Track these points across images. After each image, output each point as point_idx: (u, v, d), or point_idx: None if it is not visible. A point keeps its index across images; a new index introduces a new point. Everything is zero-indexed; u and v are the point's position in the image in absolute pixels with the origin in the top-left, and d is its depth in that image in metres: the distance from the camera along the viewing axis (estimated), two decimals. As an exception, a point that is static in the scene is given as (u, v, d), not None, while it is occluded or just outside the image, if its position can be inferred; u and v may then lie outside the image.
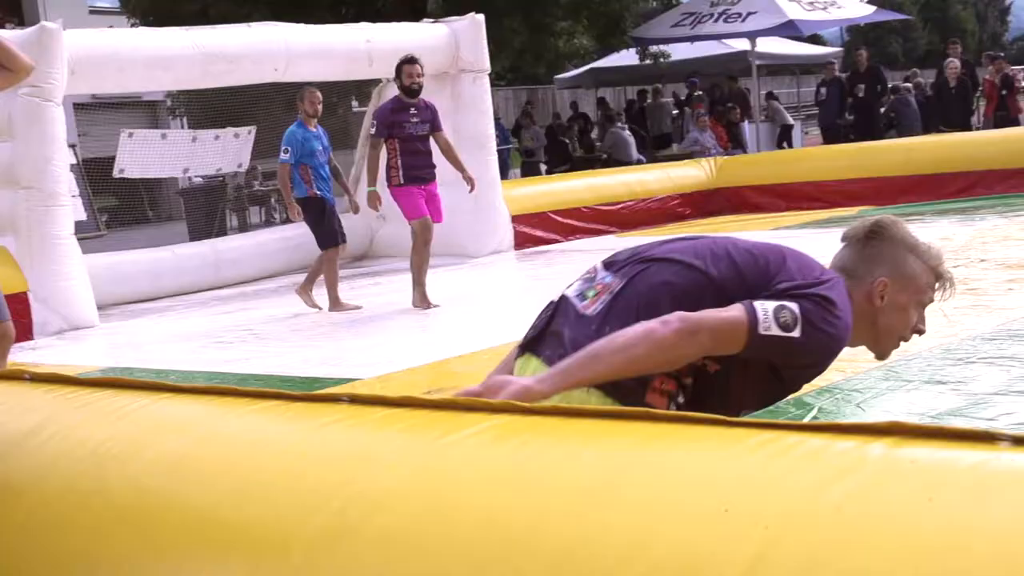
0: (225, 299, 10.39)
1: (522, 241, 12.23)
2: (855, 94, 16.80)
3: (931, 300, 2.43)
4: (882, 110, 17.63)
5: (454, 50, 11.53)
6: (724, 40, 20.12)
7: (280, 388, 5.80)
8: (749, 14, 16.14)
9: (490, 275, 10.70)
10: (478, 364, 6.25)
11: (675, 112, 21.83)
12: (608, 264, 2.41)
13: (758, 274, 2.25)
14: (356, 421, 1.76)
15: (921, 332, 2.46)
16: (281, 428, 1.86)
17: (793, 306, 2.16)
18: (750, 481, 1.27)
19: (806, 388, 4.77)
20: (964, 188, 12.63)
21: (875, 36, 50.22)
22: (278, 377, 6.31)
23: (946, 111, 15.77)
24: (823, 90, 17.64)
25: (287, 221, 11.39)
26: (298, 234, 10.59)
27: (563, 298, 2.39)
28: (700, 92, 19.89)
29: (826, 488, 1.22)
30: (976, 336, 5.54)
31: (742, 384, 2.27)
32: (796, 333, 2.15)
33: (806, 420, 4.33)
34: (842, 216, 12.11)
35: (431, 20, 12.57)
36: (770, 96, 21.65)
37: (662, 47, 20.82)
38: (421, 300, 8.44)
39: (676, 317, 2.10)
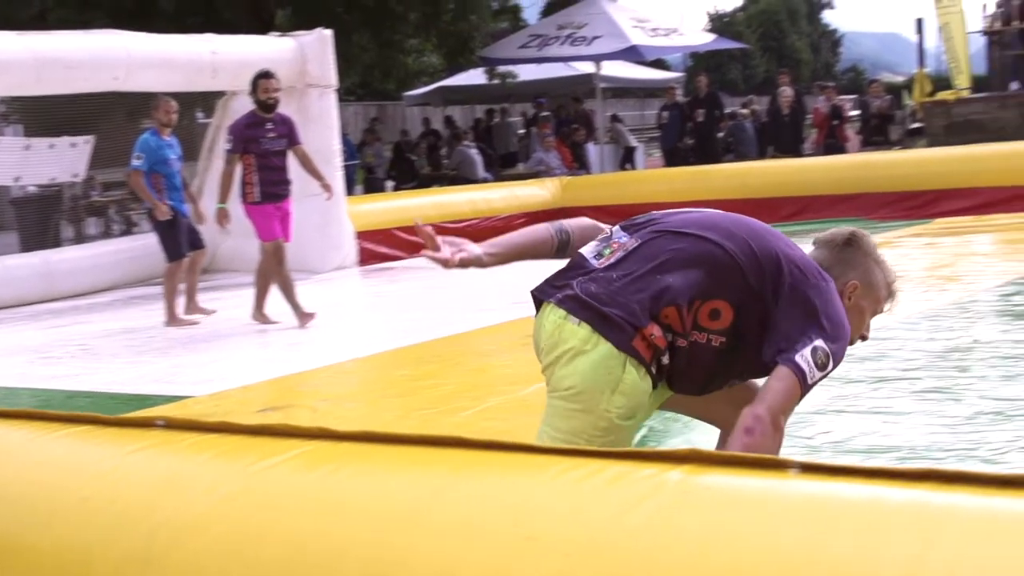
0: (58, 312, 10.06)
1: (367, 257, 12.17)
2: (695, 119, 17.23)
3: (882, 311, 2.66)
4: (720, 135, 18.12)
5: (301, 64, 11.43)
6: (571, 63, 20.42)
7: (109, 406, 5.65)
8: (595, 38, 16.44)
9: (333, 291, 10.61)
10: (317, 381, 6.21)
11: (521, 132, 22.06)
12: (625, 227, 2.61)
13: (767, 255, 2.45)
14: (168, 447, 1.73)
15: (865, 338, 2.66)
16: (92, 453, 1.82)
17: (821, 344, 2.38)
18: (553, 508, 1.30)
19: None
20: (795, 212, 13.06)
21: (716, 63, 51.63)
22: (107, 395, 6.14)
23: (779, 138, 16.31)
24: (665, 114, 18.03)
25: (126, 233, 11.09)
26: (135, 247, 10.32)
27: (579, 255, 2.60)
28: (546, 113, 20.13)
29: (625, 514, 1.25)
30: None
31: (733, 356, 2.49)
32: (831, 365, 2.41)
33: (635, 440, 4.42)
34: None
35: (278, 33, 12.44)
36: (614, 118, 22.04)
37: (510, 67, 21.03)
38: (259, 315, 8.33)
39: (760, 423, 2.33)
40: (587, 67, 19.69)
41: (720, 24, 58.81)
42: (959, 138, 14.57)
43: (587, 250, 2.61)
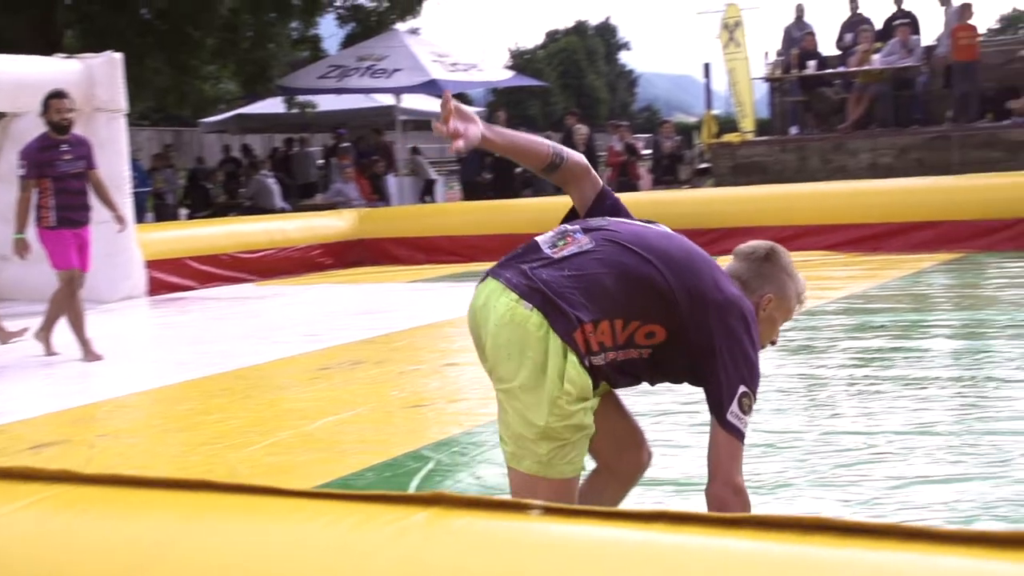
0: None
1: (157, 287, 11.83)
2: (494, 153, 17.45)
3: (791, 318, 2.92)
4: (519, 169, 18.40)
5: (89, 88, 11.05)
6: (372, 94, 20.41)
7: None
8: (395, 71, 16.49)
9: (120, 322, 10.26)
10: (99, 415, 5.98)
11: (321, 162, 21.89)
12: (586, 227, 2.74)
13: (699, 296, 2.61)
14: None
15: (774, 343, 2.92)
16: None
17: (745, 389, 2.62)
18: (300, 551, 1.29)
19: (423, 442, 4.89)
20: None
21: (517, 99, 52.50)
22: None
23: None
24: (464, 148, 18.21)
25: None
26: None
27: (534, 242, 2.70)
28: (346, 144, 20.05)
29: (370, 558, 1.25)
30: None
31: (661, 369, 2.69)
32: (753, 403, 2.67)
33: (422, 474, 4.43)
34: (478, 271, 12.52)
35: (65, 55, 12.01)
36: (415, 151, 22.12)
37: (309, 97, 20.86)
38: (43, 336, 7.99)
39: (723, 502, 2.65)
40: (388, 99, 19.73)
41: (521, 61, 59.93)
42: (743, 178, 15.20)
43: (543, 239, 2.72)
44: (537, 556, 1.21)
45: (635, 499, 4.01)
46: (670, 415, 5.17)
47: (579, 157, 2.99)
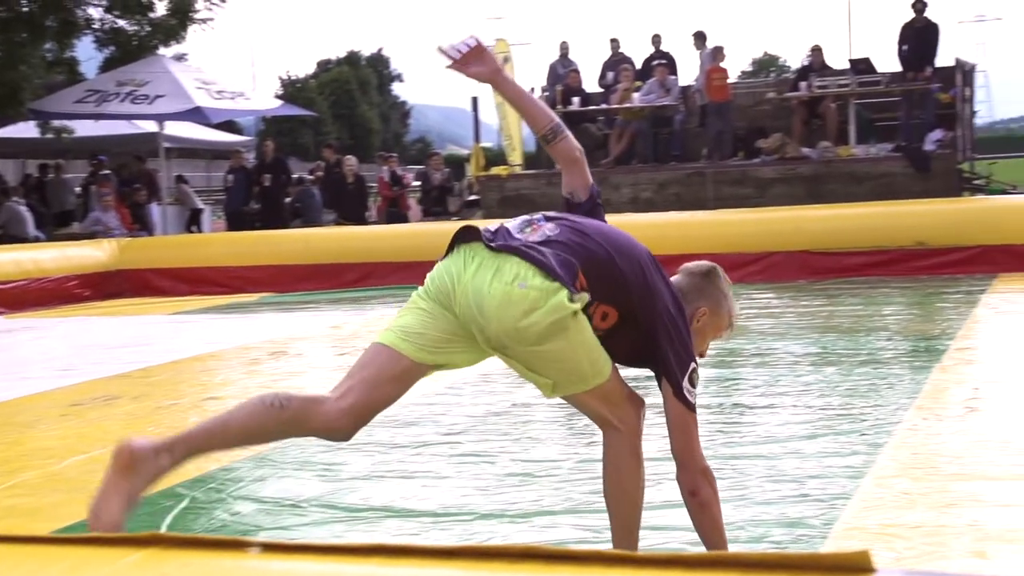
0: None
1: None
2: (262, 183, 17.21)
3: (721, 337, 3.24)
4: (288, 200, 18.20)
5: None
6: (134, 121, 19.78)
7: None
8: (157, 97, 16.02)
9: None
10: None
11: (79, 190, 21.04)
12: (547, 217, 3.03)
13: (649, 286, 2.96)
14: None
15: (703, 355, 3.17)
16: None
17: (694, 365, 3.01)
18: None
19: (178, 479, 4.74)
20: (359, 278, 13.32)
21: (288, 128, 51.97)
22: None
23: (344, 205, 16.63)
24: (230, 177, 17.89)
25: None
26: None
27: (504, 227, 2.98)
28: (107, 171, 19.36)
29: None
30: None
31: (611, 351, 2.98)
32: (699, 374, 3.07)
33: (175, 512, 4.29)
34: (243, 302, 12.30)
35: None
36: (180, 179, 21.57)
37: (65, 122, 20.04)
38: None
39: (694, 481, 3.05)
40: (151, 126, 19.16)
41: (292, 90, 59.31)
42: (512, 211, 15.45)
43: (512, 224, 3.00)
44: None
45: (393, 530, 4.01)
46: (430, 446, 5.20)
47: (572, 145, 3.22)
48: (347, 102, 61.79)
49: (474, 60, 3.11)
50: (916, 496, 3.95)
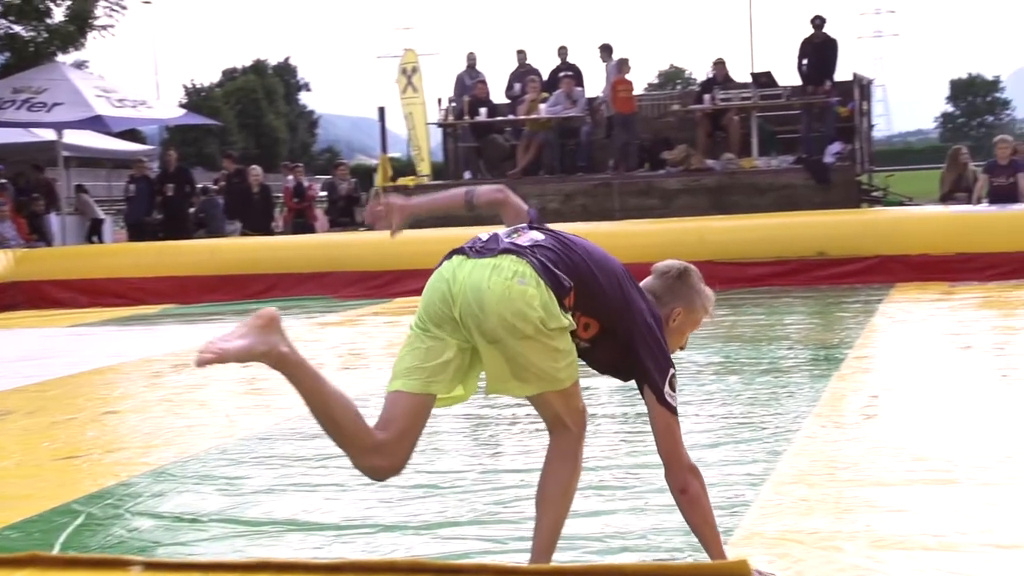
0: None
1: None
2: (164, 192, 16.94)
3: (698, 328, 3.39)
4: (192, 210, 17.94)
5: None
6: (31, 128, 19.32)
7: None
8: (55, 105, 15.65)
9: None
10: None
11: (-26, 199, 20.49)
12: (530, 226, 3.23)
13: (625, 298, 3.14)
14: None
15: (683, 348, 3.40)
16: None
17: (673, 371, 3.15)
18: None
19: (74, 495, 4.64)
20: (265, 289, 13.16)
21: (194, 137, 51.24)
22: None
23: (249, 215, 16.44)
24: (132, 187, 17.59)
25: None
26: None
27: (495, 234, 3.16)
28: (3, 180, 18.89)
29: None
30: (252, 436, 5.74)
31: (591, 361, 3.22)
32: (677, 379, 3.19)
33: (70, 530, 4.19)
34: (145, 314, 12.08)
35: None
36: (80, 189, 21.13)
37: (-41, 129, 19.50)
38: None
39: (682, 480, 3.16)
40: (50, 134, 18.74)
41: (197, 99, 58.51)
42: (419, 222, 15.41)
43: (501, 232, 3.20)
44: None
45: (296, 544, 3.97)
46: (334, 458, 5.14)
47: (490, 193, 3.45)
48: (253, 111, 61.16)
49: (391, 213, 3.44)
50: (813, 503, 4.03)
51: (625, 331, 3.13)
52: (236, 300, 12.76)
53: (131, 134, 28.49)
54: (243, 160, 20.21)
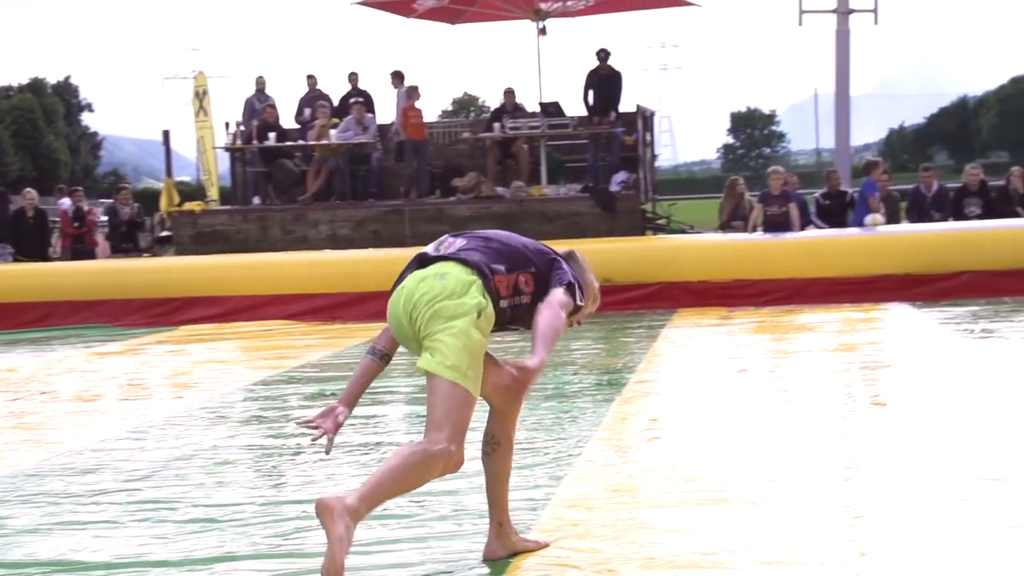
0: None
1: None
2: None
3: (591, 311, 3.86)
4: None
5: None
6: None
7: None
8: None
9: None
10: None
11: None
12: (453, 235, 3.71)
13: (540, 253, 3.72)
14: None
15: (580, 324, 3.88)
16: None
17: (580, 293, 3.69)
18: None
19: None
20: (40, 318, 12.64)
21: (-35, 157, 48.75)
22: None
23: (23, 240, 15.74)
24: None
25: None
26: None
27: (423, 252, 3.64)
28: None
29: None
30: (19, 473, 5.47)
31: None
32: (583, 293, 3.72)
33: None
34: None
35: None
36: None
37: None
38: None
39: (559, 304, 3.57)
40: None
41: (-31, 117, 55.72)
42: (206, 247, 15.06)
43: (429, 248, 3.65)
44: None
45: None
46: (107, 494, 4.95)
47: (381, 334, 3.68)
48: (31, 132, 58.63)
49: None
50: (591, 526, 4.10)
51: (551, 273, 3.66)
52: (6, 330, 12.19)
53: None
54: (19, 182, 19.28)
